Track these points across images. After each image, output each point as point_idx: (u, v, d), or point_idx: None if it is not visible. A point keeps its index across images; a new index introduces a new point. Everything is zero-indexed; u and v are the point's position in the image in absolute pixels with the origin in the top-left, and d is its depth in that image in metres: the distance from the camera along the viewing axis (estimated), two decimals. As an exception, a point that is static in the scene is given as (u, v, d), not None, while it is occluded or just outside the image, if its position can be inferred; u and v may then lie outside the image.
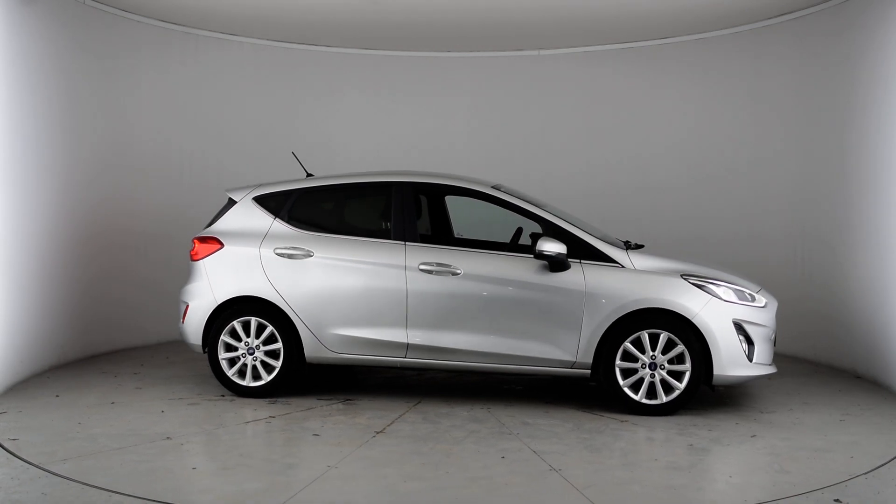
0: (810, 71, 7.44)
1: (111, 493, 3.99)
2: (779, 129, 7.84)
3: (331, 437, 5.10)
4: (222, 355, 5.97)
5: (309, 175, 6.63)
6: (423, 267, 5.75)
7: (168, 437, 5.08)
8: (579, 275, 5.57)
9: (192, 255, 6.20)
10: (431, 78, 9.28)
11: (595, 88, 8.99)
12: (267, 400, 5.94)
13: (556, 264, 5.56)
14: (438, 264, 5.74)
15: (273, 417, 5.56)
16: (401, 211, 5.96)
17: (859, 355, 6.77)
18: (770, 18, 7.73)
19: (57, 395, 5.98)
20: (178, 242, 8.24)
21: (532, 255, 5.65)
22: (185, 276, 6.35)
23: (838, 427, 5.34)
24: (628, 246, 6.08)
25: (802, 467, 4.51)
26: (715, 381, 5.49)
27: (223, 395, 6.06)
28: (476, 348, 5.69)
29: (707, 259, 7.90)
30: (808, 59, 7.45)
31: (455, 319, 5.72)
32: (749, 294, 5.67)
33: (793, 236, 7.66)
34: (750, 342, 5.53)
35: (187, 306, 6.12)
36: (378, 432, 5.18)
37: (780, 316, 7.57)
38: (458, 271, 5.71)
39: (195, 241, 6.22)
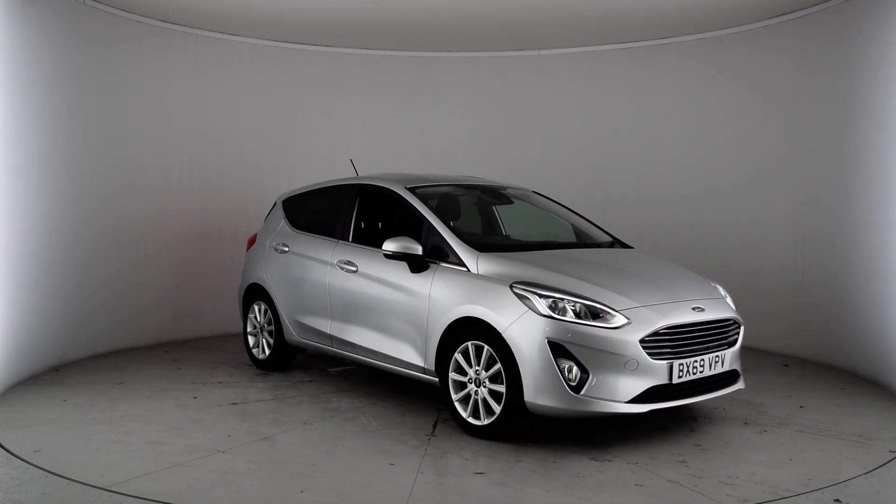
0: (811, 71, 7.43)
1: (111, 493, 3.99)
2: (779, 129, 7.83)
3: (202, 403, 5.78)
4: (248, 330, 7.06)
5: None
6: (339, 264, 6.02)
7: (120, 383, 6.19)
8: (429, 277, 5.27)
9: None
10: (431, 78, 9.29)
11: (595, 88, 9.00)
12: (259, 371, 6.89)
13: (413, 264, 5.36)
14: (347, 262, 5.96)
15: (221, 383, 6.41)
16: (344, 211, 6.29)
17: (859, 355, 6.78)
18: (770, 18, 7.74)
19: (64, 400, 5.97)
20: (178, 243, 8.25)
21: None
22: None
23: (837, 427, 5.33)
24: (614, 244, 6.03)
25: (802, 467, 4.52)
26: (528, 408, 4.65)
27: (250, 365, 7.10)
28: (365, 344, 5.77)
29: (705, 256, 7.93)
30: (808, 60, 7.45)
31: (353, 315, 5.90)
32: (601, 310, 4.60)
33: (793, 235, 7.66)
34: (583, 369, 4.52)
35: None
36: (235, 404, 5.77)
37: (779, 315, 7.64)
38: (356, 269, 5.87)
39: (250, 238, 7.31)
